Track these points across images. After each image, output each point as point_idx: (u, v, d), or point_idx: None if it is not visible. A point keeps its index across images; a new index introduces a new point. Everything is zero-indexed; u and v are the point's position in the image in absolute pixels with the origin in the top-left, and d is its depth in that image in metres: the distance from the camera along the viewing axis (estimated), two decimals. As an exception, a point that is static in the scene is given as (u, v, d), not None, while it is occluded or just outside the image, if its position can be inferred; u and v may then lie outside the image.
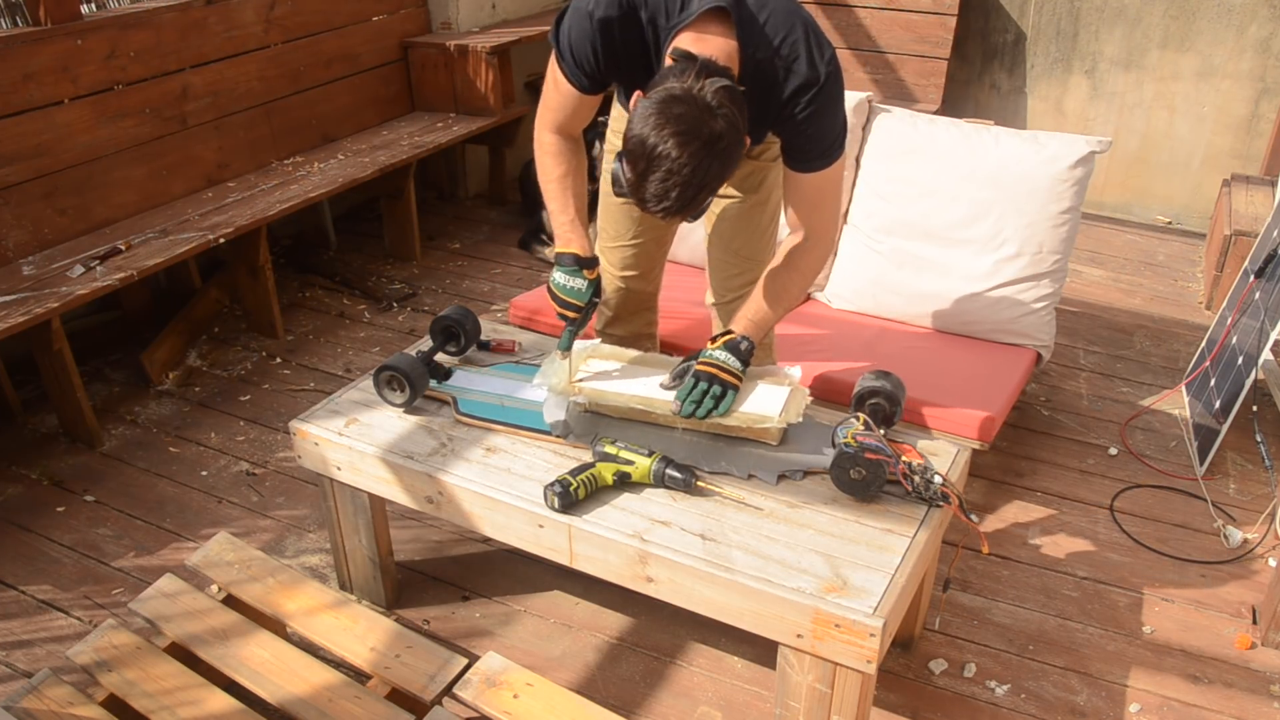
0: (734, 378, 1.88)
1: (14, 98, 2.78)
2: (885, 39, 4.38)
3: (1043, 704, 2.00)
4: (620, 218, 2.24)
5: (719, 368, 1.88)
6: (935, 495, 1.74)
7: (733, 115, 1.54)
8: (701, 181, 1.55)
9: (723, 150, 1.54)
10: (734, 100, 1.55)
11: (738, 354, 1.89)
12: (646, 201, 1.59)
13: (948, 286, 2.69)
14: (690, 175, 1.53)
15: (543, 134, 1.97)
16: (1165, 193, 4.38)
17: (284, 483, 2.68)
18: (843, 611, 1.52)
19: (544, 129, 1.97)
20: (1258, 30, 3.96)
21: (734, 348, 1.89)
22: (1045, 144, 2.57)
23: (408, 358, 2.02)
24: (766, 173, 2.11)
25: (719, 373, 1.87)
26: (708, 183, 1.57)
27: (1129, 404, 3.02)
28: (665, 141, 1.51)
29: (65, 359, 2.71)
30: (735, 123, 1.55)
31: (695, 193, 1.56)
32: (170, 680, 1.79)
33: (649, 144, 1.53)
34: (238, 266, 3.33)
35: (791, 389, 1.96)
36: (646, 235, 2.24)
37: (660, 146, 1.51)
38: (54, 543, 2.46)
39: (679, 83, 1.54)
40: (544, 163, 1.98)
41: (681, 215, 1.62)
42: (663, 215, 1.60)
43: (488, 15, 4.42)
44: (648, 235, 2.25)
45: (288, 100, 3.64)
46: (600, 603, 2.24)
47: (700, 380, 1.87)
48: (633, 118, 1.57)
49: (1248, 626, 2.19)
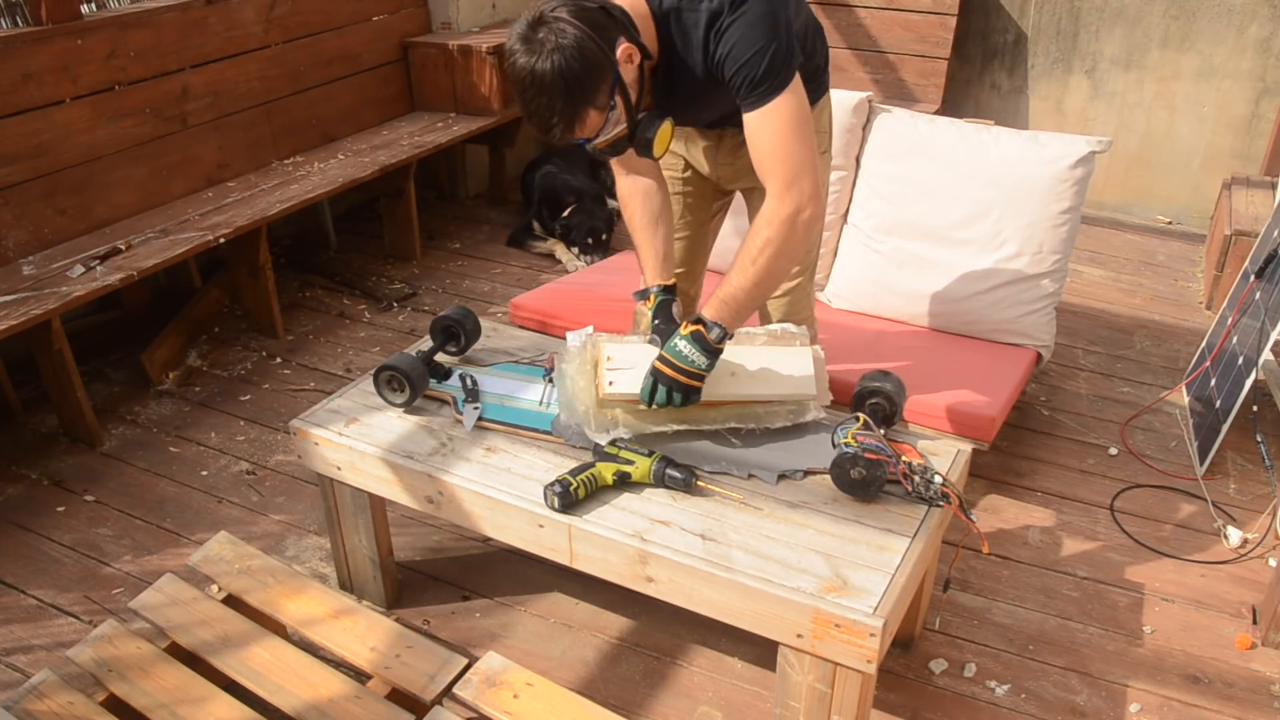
0: (694, 380, 1.77)
1: (14, 98, 2.78)
2: (885, 39, 4.38)
3: (1043, 704, 2.00)
4: None
5: (678, 370, 1.76)
6: (935, 495, 1.74)
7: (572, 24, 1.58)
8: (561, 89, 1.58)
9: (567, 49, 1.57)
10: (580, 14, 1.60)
11: (703, 347, 1.76)
12: (528, 122, 1.66)
13: (948, 286, 2.69)
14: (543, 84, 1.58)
15: (618, 183, 2.04)
16: (1165, 193, 4.38)
17: (284, 483, 2.68)
18: (843, 611, 1.52)
19: (618, 178, 2.04)
20: (1258, 30, 3.96)
21: (698, 339, 1.76)
22: (1045, 144, 2.57)
23: (408, 358, 2.02)
24: None
25: (677, 376, 1.76)
26: (571, 91, 1.59)
27: (1129, 404, 3.02)
28: (515, 61, 1.60)
29: (65, 359, 2.71)
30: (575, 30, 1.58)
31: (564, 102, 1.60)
32: (170, 680, 1.79)
33: (508, 69, 1.63)
34: (238, 266, 3.33)
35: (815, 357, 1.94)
36: (688, 232, 2.24)
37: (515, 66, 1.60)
38: (54, 543, 2.46)
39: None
40: (623, 212, 2.06)
41: (559, 129, 1.64)
42: (541, 130, 1.65)
43: (488, 15, 4.42)
44: (688, 233, 2.24)
45: (288, 100, 3.64)
46: (600, 603, 2.24)
47: (659, 384, 1.78)
48: None
49: (1248, 626, 2.19)
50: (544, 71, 1.57)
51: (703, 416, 1.90)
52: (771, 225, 1.75)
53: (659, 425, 1.88)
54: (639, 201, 2.02)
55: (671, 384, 1.77)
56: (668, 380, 1.77)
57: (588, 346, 1.94)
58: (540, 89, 1.59)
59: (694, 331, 1.76)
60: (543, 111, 1.62)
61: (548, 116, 1.62)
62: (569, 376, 1.91)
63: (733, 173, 2.12)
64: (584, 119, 1.65)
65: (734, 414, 1.91)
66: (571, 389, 1.90)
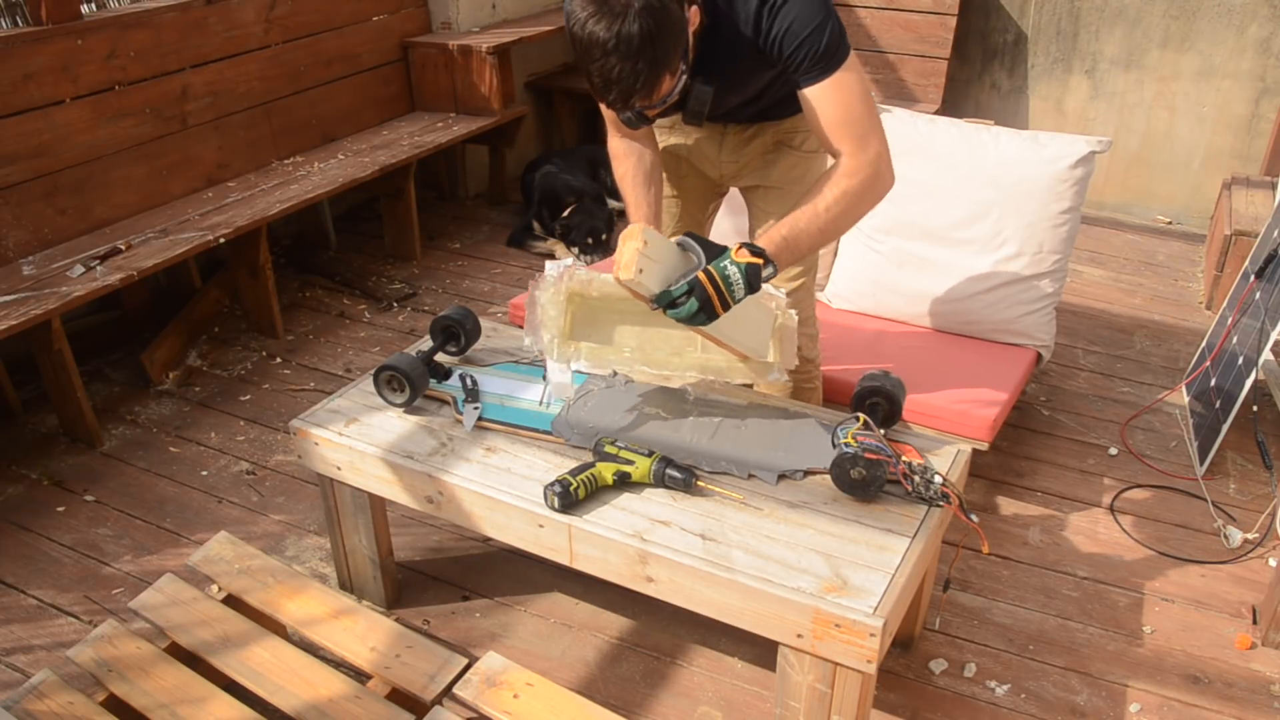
0: (723, 308, 1.68)
1: (14, 98, 2.78)
2: (885, 39, 4.38)
3: (1043, 704, 2.00)
4: None
5: (718, 291, 1.66)
6: (935, 495, 1.74)
7: None
8: (649, 53, 1.54)
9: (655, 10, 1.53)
10: None
11: (750, 281, 1.68)
12: (602, 92, 1.59)
13: (948, 286, 2.69)
14: (630, 47, 1.52)
15: (610, 143, 2.02)
16: (1165, 193, 4.38)
17: (284, 483, 2.68)
18: (843, 611, 1.52)
19: (610, 139, 2.02)
20: (1258, 30, 3.96)
21: (752, 273, 1.67)
22: (1045, 144, 2.57)
23: (408, 357, 2.02)
24: (810, 164, 2.09)
25: (713, 297, 1.66)
26: (657, 54, 1.55)
27: (1129, 404, 3.02)
28: (587, 27, 1.53)
29: (65, 359, 2.71)
30: None
31: (649, 67, 1.55)
32: (170, 680, 1.79)
33: (578, 37, 1.56)
34: (238, 266, 3.33)
35: (781, 322, 1.91)
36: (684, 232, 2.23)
37: (587, 32, 1.54)
38: (54, 543, 2.46)
39: None
40: (614, 171, 2.03)
41: (638, 96, 1.58)
42: (619, 98, 1.59)
43: (488, 15, 4.42)
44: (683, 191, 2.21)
45: (288, 100, 3.64)
46: (600, 603, 2.24)
47: (694, 295, 1.65)
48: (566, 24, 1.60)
49: (1248, 626, 2.19)
50: (631, 35, 1.52)
51: (666, 362, 1.91)
52: (852, 178, 1.74)
53: (622, 365, 1.89)
54: (634, 160, 2.00)
55: (706, 302, 1.66)
56: (704, 296, 1.65)
57: (564, 278, 1.90)
58: (627, 53, 1.53)
59: (750, 264, 1.68)
60: (625, 78, 1.55)
61: (631, 83, 1.56)
62: (540, 304, 1.89)
63: (736, 168, 2.12)
64: (660, 84, 1.60)
65: (697, 365, 1.92)
66: (541, 316, 1.89)
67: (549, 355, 1.89)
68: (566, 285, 1.90)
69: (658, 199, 2.02)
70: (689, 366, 1.92)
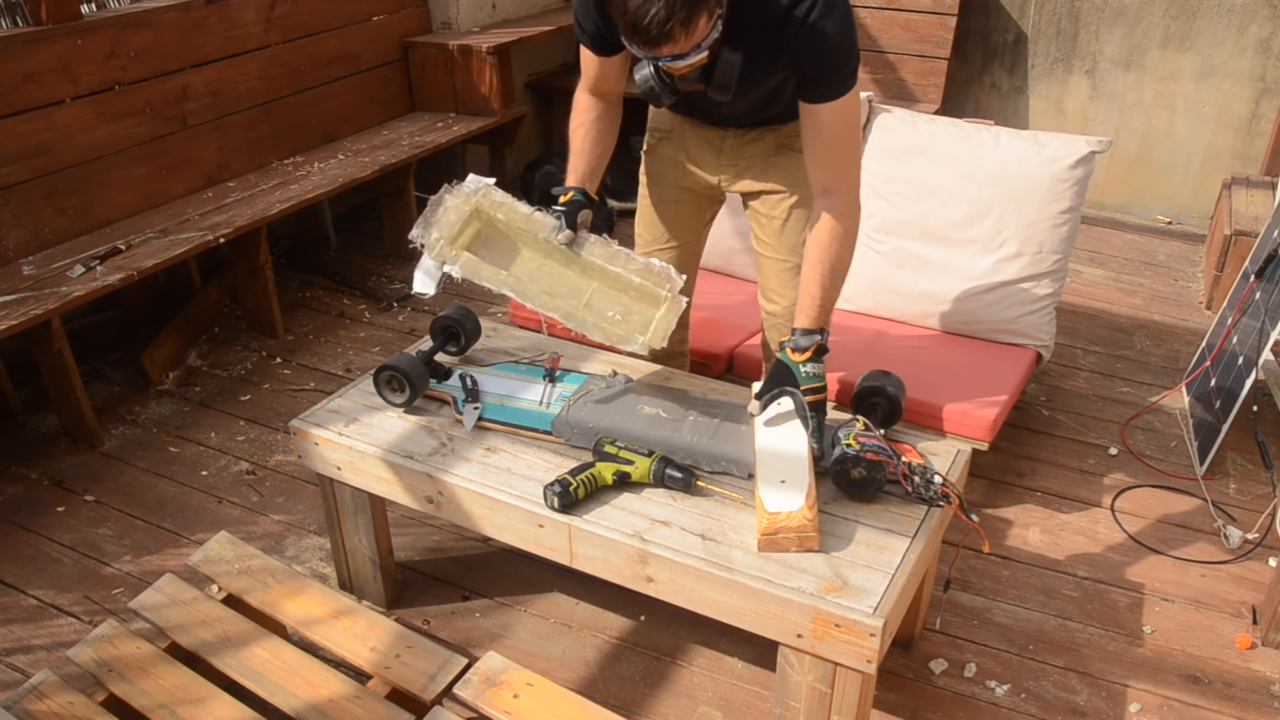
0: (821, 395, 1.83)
1: (14, 98, 2.78)
2: (885, 39, 4.38)
3: (1043, 704, 2.00)
4: (654, 222, 2.24)
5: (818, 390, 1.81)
6: (935, 495, 1.74)
7: None
8: None
9: None
10: None
11: (820, 359, 1.83)
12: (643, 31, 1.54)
13: (948, 286, 2.69)
14: None
15: (578, 95, 2.04)
16: (1165, 193, 4.38)
17: (284, 483, 2.68)
18: (843, 611, 1.52)
19: (580, 91, 2.03)
20: (1258, 30, 3.96)
21: (820, 356, 1.83)
22: (1045, 144, 2.57)
23: (408, 357, 2.02)
24: None
25: (820, 396, 1.82)
26: None
27: (1129, 404, 3.02)
28: None
29: (65, 359, 2.71)
30: None
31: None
32: (170, 680, 1.79)
33: None
34: (238, 266, 3.33)
35: (668, 303, 1.93)
36: (682, 239, 2.25)
37: None
38: (54, 543, 2.46)
39: None
40: (572, 119, 2.05)
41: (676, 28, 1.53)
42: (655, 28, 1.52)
43: (488, 15, 4.42)
44: (683, 239, 2.25)
45: (288, 100, 3.64)
46: (600, 603, 2.24)
47: (820, 415, 1.82)
48: None
49: (1248, 626, 2.19)
50: None
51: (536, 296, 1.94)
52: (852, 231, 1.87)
53: (494, 283, 1.93)
54: (593, 116, 2.02)
55: (818, 405, 1.81)
56: (820, 406, 1.81)
57: (478, 194, 1.98)
58: None
59: (814, 355, 1.82)
60: (661, 7, 1.51)
61: (668, 12, 1.51)
62: (445, 205, 1.96)
63: (735, 173, 2.11)
64: (697, 23, 1.55)
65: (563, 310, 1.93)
66: (440, 215, 1.96)
67: (429, 251, 1.94)
68: (477, 201, 1.97)
69: (602, 160, 2.06)
70: (555, 309, 1.94)
